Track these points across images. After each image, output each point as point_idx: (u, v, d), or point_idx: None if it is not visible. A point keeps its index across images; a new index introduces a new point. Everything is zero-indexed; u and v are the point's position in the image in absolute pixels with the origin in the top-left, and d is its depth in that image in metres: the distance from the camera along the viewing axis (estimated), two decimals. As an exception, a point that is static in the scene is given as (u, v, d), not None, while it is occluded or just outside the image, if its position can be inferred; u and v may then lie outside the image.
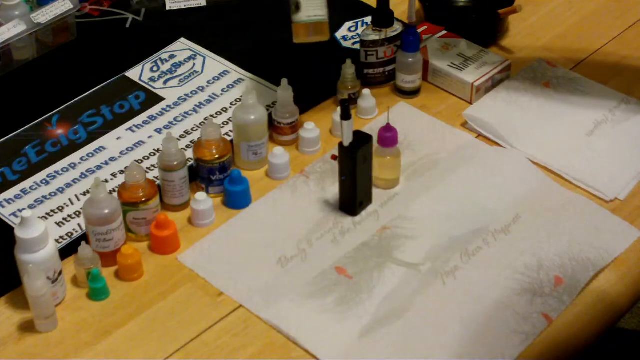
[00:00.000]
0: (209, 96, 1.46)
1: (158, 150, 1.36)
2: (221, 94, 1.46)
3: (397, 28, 1.43)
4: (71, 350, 1.12)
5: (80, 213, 1.27)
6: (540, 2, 1.64)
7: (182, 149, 1.27)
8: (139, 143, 1.39)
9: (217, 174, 1.28)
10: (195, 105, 1.44)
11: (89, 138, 1.39)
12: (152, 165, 1.35)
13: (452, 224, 1.25)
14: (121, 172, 1.34)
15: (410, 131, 1.38)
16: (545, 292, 1.17)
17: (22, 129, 1.41)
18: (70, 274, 1.20)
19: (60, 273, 1.15)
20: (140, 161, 1.36)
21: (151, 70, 1.50)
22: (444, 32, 1.50)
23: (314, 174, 1.33)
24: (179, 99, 1.45)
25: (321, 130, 1.36)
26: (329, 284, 1.18)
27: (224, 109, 1.43)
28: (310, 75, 1.45)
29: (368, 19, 1.57)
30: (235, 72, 1.50)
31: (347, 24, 1.58)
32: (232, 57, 1.53)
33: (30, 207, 1.29)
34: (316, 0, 1.30)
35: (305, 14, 1.29)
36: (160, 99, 1.45)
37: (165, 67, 1.51)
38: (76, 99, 1.45)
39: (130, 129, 1.41)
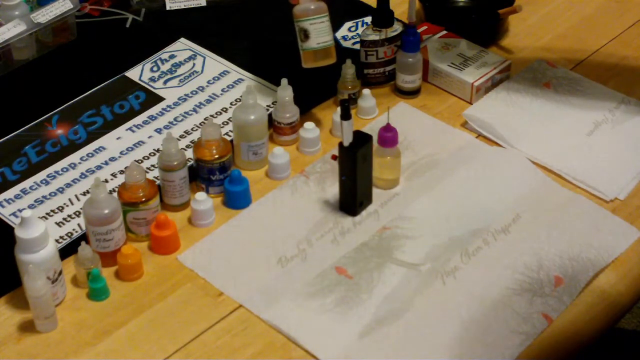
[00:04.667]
0: (209, 96, 1.46)
1: (158, 150, 1.36)
2: (221, 94, 1.46)
3: (397, 28, 1.43)
4: (71, 350, 1.12)
5: (80, 213, 1.27)
6: (540, 2, 1.64)
7: (182, 149, 1.28)
8: (139, 143, 1.39)
9: (217, 174, 1.28)
10: (195, 105, 1.44)
11: (89, 138, 1.39)
12: (152, 165, 1.35)
13: (452, 224, 1.25)
14: (121, 172, 1.34)
15: (410, 131, 1.38)
16: (545, 292, 1.17)
17: (22, 129, 1.41)
18: (70, 274, 1.20)
19: (60, 273, 1.15)
20: (140, 161, 1.36)
21: (151, 70, 1.50)
22: (444, 32, 1.50)
23: (314, 174, 1.33)
24: (179, 99, 1.45)
25: (321, 130, 1.36)
26: (329, 284, 1.18)
27: (224, 109, 1.43)
28: (310, 75, 1.45)
29: (368, 19, 1.57)
30: (235, 72, 1.50)
31: (347, 24, 1.58)
32: (232, 57, 1.53)
33: (30, 207, 1.29)
34: (323, 26, 1.32)
35: (315, 42, 1.32)
36: (160, 99, 1.45)
37: (165, 67, 1.51)
38: (76, 99, 1.45)
39: (130, 129, 1.41)
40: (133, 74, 1.50)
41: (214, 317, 1.15)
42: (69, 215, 1.28)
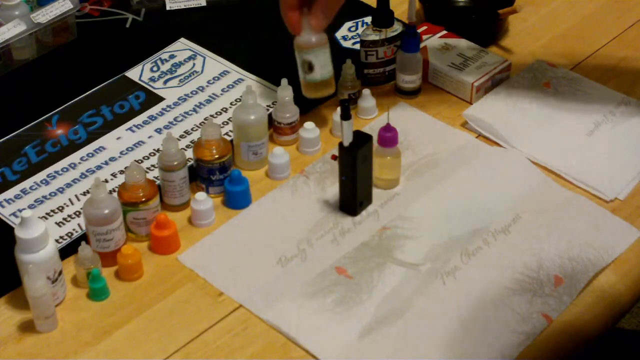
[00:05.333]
0: (209, 96, 1.46)
1: (158, 150, 1.37)
2: (221, 94, 1.46)
3: (397, 28, 1.43)
4: (71, 350, 1.12)
5: (80, 213, 1.27)
6: (540, 2, 1.64)
7: (182, 149, 1.28)
8: (139, 143, 1.39)
9: (217, 174, 1.28)
10: (195, 105, 1.44)
11: (89, 138, 1.39)
12: (152, 165, 1.35)
13: (452, 224, 1.25)
14: (121, 172, 1.34)
15: (410, 131, 1.38)
16: (545, 292, 1.17)
17: (22, 129, 1.41)
18: (70, 274, 1.20)
19: (60, 273, 1.15)
20: (140, 161, 1.36)
21: (151, 70, 1.50)
22: (444, 32, 1.50)
23: (314, 174, 1.33)
24: (179, 99, 1.45)
25: (321, 130, 1.36)
26: (329, 284, 1.18)
27: (224, 109, 1.43)
28: (310, 75, 1.45)
29: (368, 19, 1.57)
30: (235, 72, 1.50)
31: (347, 24, 1.58)
32: (232, 57, 1.53)
33: (30, 207, 1.29)
34: (325, 57, 1.34)
35: (319, 73, 1.34)
36: (160, 99, 1.45)
37: (165, 67, 1.51)
38: (76, 99, 1.45)
39: (130, 129, 1.41)
40: (133, 74, 1.50)
41: (214, 317, 1.15)
42: (69, 215, 1.28)
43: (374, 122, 1.40)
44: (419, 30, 1.46)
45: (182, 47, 1.55)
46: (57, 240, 1.24)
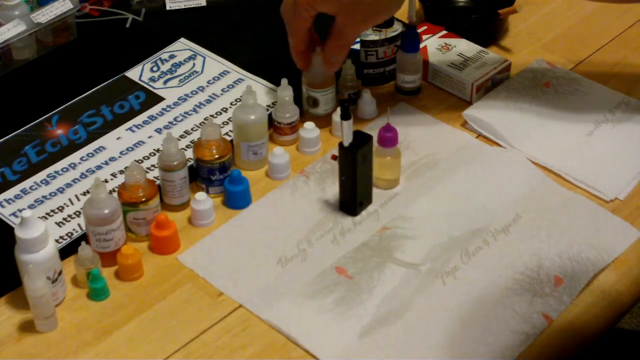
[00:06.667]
0: (209, 96, 1.46)
1: (158, 150, 1.37)
2: (221, 94, 1.46)
3: (397, 28, 1.43)
4: (71, 350, 1.12)
5: (80, 213, 1.27)
6: (540, 2, 1.64)
7: (182, 149, 1.28)
8: (139, 143, 1.39)
9: (217, 174, 1.28)
10: (195, 105, 1.44)
11: (89, 138, 1.39)
12: (152, 165, 1.35)
13: (452, 224, 1.25)
14: (121, 172, 1.34)
15: (410, 131, 1.38)
16: (545, 292, 1.17)
17: (22, 129, 1.41)
18: (70, 274, 1.20)
19: (60, 273, 1.15)
20: (140, 161, 1.36)
21: (151, 70, 1.50)
22: (444, 32, 1.50)
23: (314, 174, 1.33)
24: (179, 99, 1.45)
25: (321, 130, 1.36)
26: (329, 284, 1.18)
27: (224, 109, 1.43)
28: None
29: (368, 19, 1.57)
30: (235, 72, 1.50)
31: (347, 24, 1.58)
32: (232, 57, 1.53)
33: (30, 207, 1.29)
34: (332, 95, 1.37)
35: (322, 109, 1.38)
36: (160, 99, 1.45)
37: (165, 67, 1.51)
38: (76, 99, 1.45)
39: (130, 129, 1.41)
40: (133, 74, 1.50)
41: (214, 317, 1.15)
42: (69, 215, 1.28)
43: (374, 122, 1.40)
44: (419, 30, 1.46)
45: (182, 47, 1.55)
46: (57, 240, 1.24)
